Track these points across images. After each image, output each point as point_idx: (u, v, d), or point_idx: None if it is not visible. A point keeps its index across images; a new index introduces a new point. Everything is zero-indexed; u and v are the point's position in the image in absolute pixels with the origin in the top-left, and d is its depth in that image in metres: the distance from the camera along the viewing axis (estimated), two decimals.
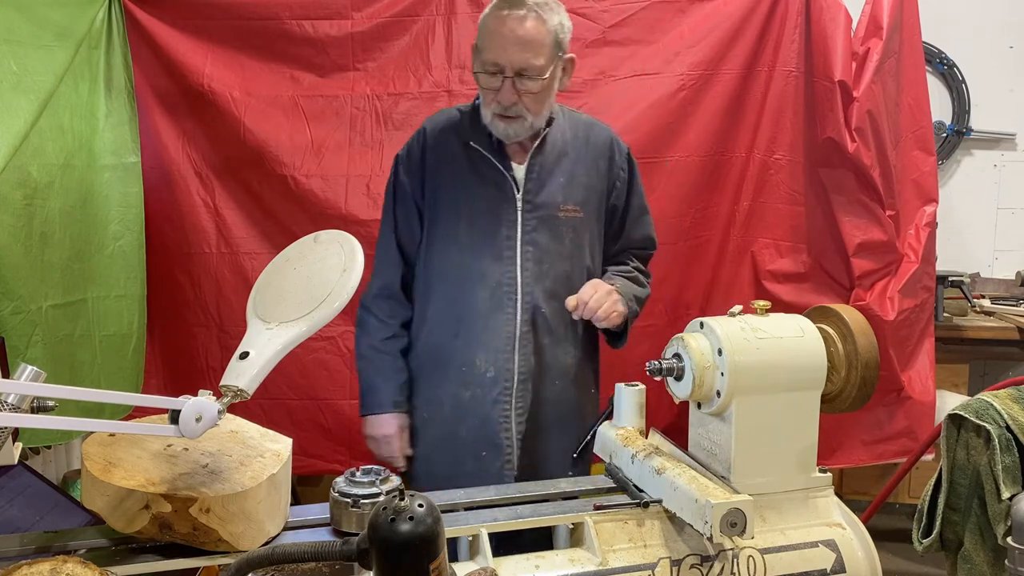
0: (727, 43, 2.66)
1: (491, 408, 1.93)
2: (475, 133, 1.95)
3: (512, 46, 1.82)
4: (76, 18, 2.34)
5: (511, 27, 1.82)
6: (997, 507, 1.45)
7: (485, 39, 1.86)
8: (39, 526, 1.63)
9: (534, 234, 1.94)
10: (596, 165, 2.01)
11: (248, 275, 2.61)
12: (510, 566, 1.34)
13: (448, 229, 1.95)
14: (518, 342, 1.93)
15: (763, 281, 2.79)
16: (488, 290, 1.92)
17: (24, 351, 2.03)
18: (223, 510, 1.24)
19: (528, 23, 1.82)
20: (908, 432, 2.83)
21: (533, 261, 1.93)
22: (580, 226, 1.98)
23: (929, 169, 2.84)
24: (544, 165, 1.96)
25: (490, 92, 1.87)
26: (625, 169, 2.06)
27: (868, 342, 1.53)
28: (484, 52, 1.86)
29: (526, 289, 1.93)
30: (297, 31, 2.61)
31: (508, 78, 1.84)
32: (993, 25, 3.89)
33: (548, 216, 1.94)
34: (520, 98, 1.85)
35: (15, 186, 2.05)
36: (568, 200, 1.96)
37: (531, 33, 1.82)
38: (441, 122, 2.02)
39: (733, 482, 1.44)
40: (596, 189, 2.01)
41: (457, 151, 1.96)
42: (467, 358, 1.94)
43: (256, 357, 1.22)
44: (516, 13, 1.82)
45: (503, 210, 1.93)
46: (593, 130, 2.05)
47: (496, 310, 1.92)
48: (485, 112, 1.91)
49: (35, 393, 1.22)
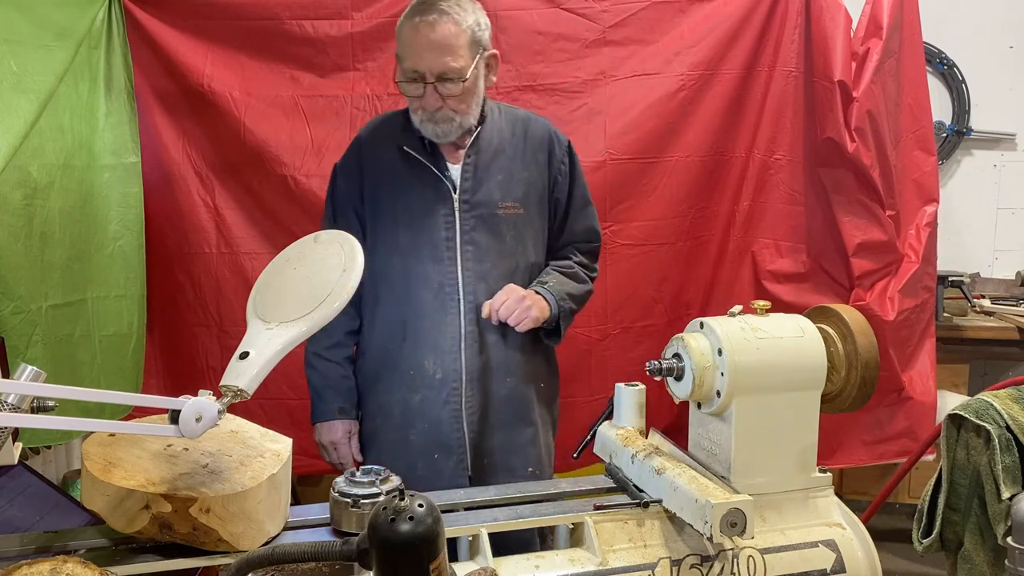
0: (727, 43, 2.66)
1: (441, 410, 1.95)
2: (408, 137, 1.96)
3: (428, 52, 1.83)
4: (76, 18, 2.34)
5: (425, 33, 1.83)
6: (997, 507, 1.45)
7: (403, 47, 1.87)
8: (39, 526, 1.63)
9: (473, 233, 1.94)
10: (535, 160, 2.01)
11: (248, 275, 2.61)
12: (510, 566, 1.34)
13: (388, 234, 1.96)
14: (464, 342, 1.94)
15: (763, 281, 2.80)
16: (431, 292, 1.93)
17: (24, 351, 2.03)
18: (223, 510, 1.24)
19: (442, 27, 1.83)
20: (908, 432, 2.83)
21: (474, 260, 1.94)
22: (521, 223, 1.98)
23: (929, 169, 2.84)
24: (480, 164, 1.96)
25: (414, 99, 1.89)
26: (566, 162, 2.05)
27: (868, 342, 1.53)
28: (403, 60, 1.87)
29: (468, 289, 1.93)
30: (297, 31, 2.61)
31: (429, 84, 1.85)
32: (993, 25, 3.89)
33: (487, 214, 1.95)
34: (444, 102, 1.87)
35: (15, 186, 2.04)
36: (507, 197, 1.96)
37: (446, 37, 1.83)
38: (376, 128, 2.04)
39: (733, 482, 1.44)
40: (536, 184, 2.01)
41: (392, 156, 1.97)
42: (415, 361, 1.95)
43: (256, 357, 1.22)
44: (428, 18, 1.83)
45: (440, 211, 1.93)
46: (531, 125, 2.04)
47: (440, 311, 1.93)
48: (413, 117, 1.92)
49: (35, 393, 1.22)
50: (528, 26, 2.67)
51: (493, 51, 1.95)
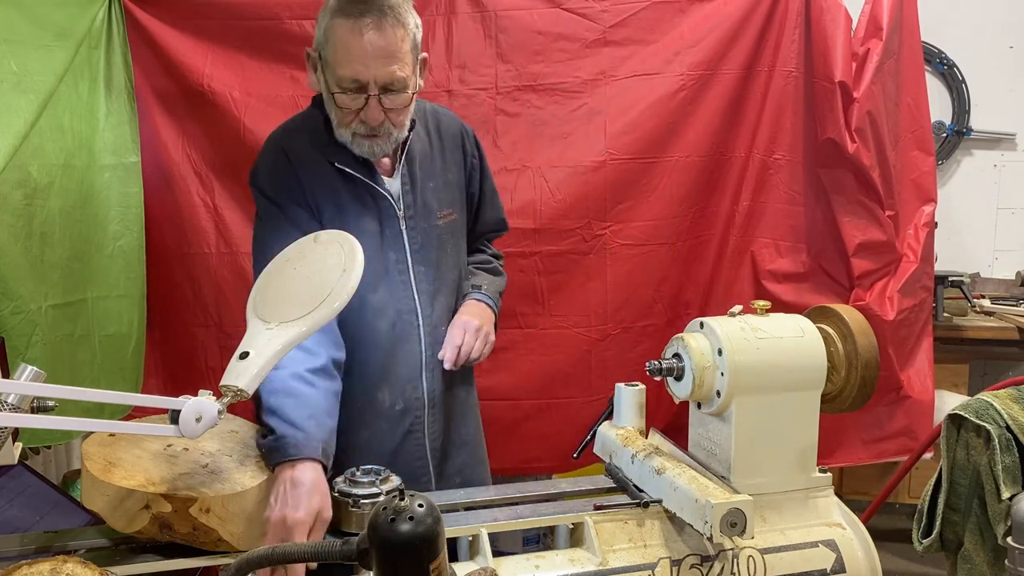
0: (727, 43, 2.66)
1: (402, 441, 1.77)
2: (337, 151, 1.70)
3: (374, 60, 1.57)
4: (76, 18, 2.34)
5: (370, 38, 1.56)
6: (997, 507, 1.45)
7: (338, 52, 1.59)
8: (39, 526, 1.63)
9: (422, 251, 1.77)
10: (454, 158, 1.86)
11: (248, 275, 2.60)
12: (510, 566, 1.34)
13: None
14: (424, 367, 1.77)
15: (763, 281, 2.80)
16: (389, 322, 1.73)
17: (24, 351, 2.03)
18: (223, 510, 1.24)
19: (388, 30, 1.57)
20: (907, 431, 2.83)
21: (427, 280, 1.77)
22: (456, 229, 1.85)
23: (928, 169, 2.84)
24: (413, 173, 1.78)
25: (349, 112, 1.63)
26: (476, 155, 1.92)
27: (868, 342, 1.53)
28: (338, 68, 1.59)
29: (425, 312, 1.77)
30: (297, 31, 2.61)
31: (372, 95, 1.61)
32: (993, 25, 3.89)
33: (429, 228, 1.78)
34: (387, 115, 1.64)
35: (15, 186, 2.04)
36: (443, 205, 1.81)
37: (393, 42, 1.58)
38: (296, 140, 1.74)
39: (733, 482, 1.44)
40: (459, 184, 1.87)
41: (325, 173, 1.71)
42: (366, 396, 1.74)
43: (256, 357, 1.22)
44: (370, 19, 1.56)
45: (387, 232, 1.73)
46: (442, 120, 1.87)
47: (400, 341, 1.75)
48: (342, 131, 1.67)
49: (35, 393, 1.22)
50: (528, 26, 2.67)
51: (424, 54, 1.72)
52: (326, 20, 1.62)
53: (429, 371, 1.78)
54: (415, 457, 1.80)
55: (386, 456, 1.72)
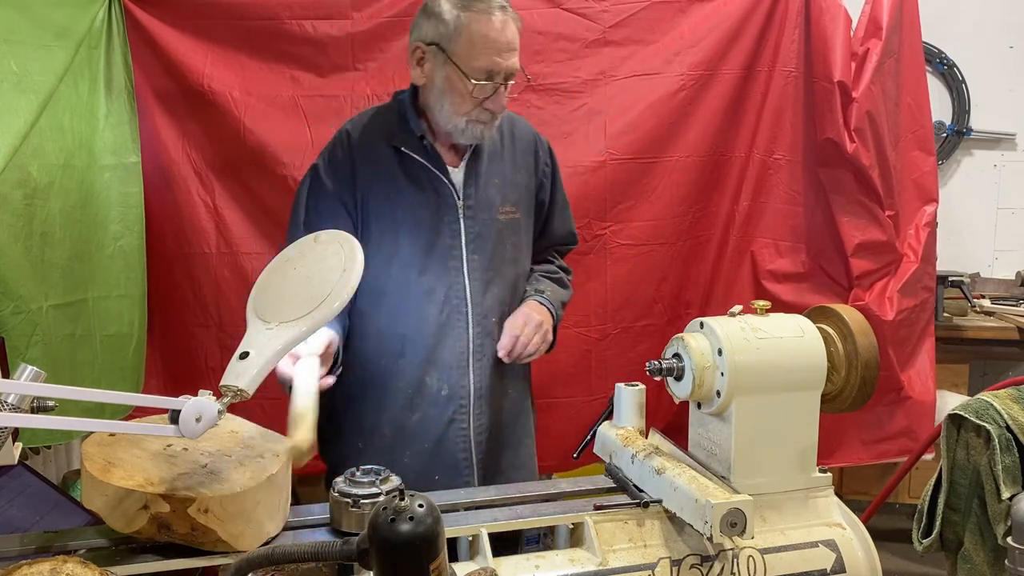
0: (727, 43, 2.67)
1: (446, 429, 1.81)
2: (404, 136, 1.81)
3: (506, 52, 1.72)
4: (76, 18, 2.34)
5: (503, 31, 1.71)
6: (997, 507, 1.45)
7: (475, 44, 1.71)
8: (39, 526, 1.63)
9: (478, 241, 1.82)
10: (525, 162, 1.92)
11: (248, 275, 2.61)
12: (510, 566, 1.34)
13: (386, 242, 1.79)
14: (472, 356, 1.82)
15: (763, 281, 2.80)
16: (436, 305, 1.80)
17: (24, 351, 2.03)
18: (222, 510, 1.24)
19: (512, 25, 1.73)
20: (908, 432, 2.83)
21: (480, 270, 1.82)
22: (518, 228, 1.89)
23: (929, 169, 2.84)
24: (479, 167, 1.85)
25: (471, 100, 1.73)
26: (549, 164, 1.98)
27: (868, 342, 1.53)
28: (473, 59, 1.71)
29: (475, 300, 1.82)
30: (297, 31, 2.61)
31: (501, 85, 1.73)
32: (993, 25, 3.89)
33: (489, 220, 1.84)
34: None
35: (15, 186, 2.04)
36: (506, 201, 1.86)
37: (516, 35, 1.75)
38: (366, 125, 1.85)
39: (733, 482, 1.44)
40: (527, 187, 1.92)
41: (387, 157, 1.81)
42: (413, 378, 1.81)
43: (256, 357, 1.22)
44: (502, 16, 1.71)
45: (444, 218, 1.80)
46: (516, 125, 1.95)
47: (447, 325, 1.80)
48: (455, 119, 1.76)
49: (35, 393, 1.22)
50: (528, 26, 2.64)
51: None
52: (452, 13, 1.71)
53: (477, 361, 1.82)
54: (459, 448, 1.82)
55: (431, 443, 1.81)
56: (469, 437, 1.83)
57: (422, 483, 1.74)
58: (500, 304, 1.86)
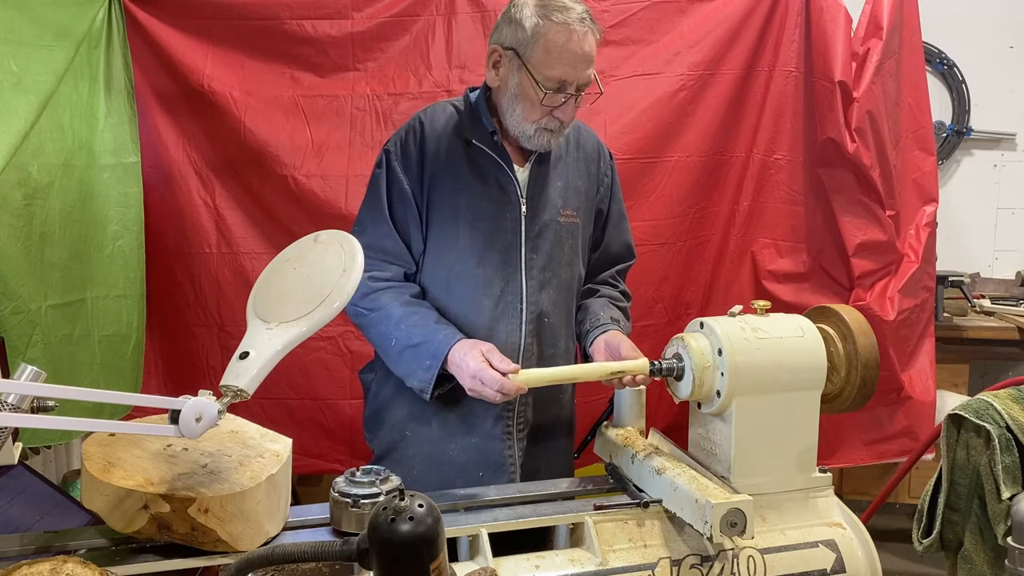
0: (727, 43, 2.67)
1: (493, 425, 1.80)
2: (476, 131, 1.82)
3: (581, 63, 1.71)
4: (76, 18, 2.34)
5: (580, 43, 1.70)
6: (997, 507, 1.45)
7: (551, 54, 1.70)
8: (39, 526, 1.63)
9: (537, 240, 1.83)
10: (587, 169, 1.94)
11: (248, 275, 2.61)
12: (510, 566, 1.34)
13: (448, 232, 1.81)
14: (522, 353, 1.81)
15: (763, 281, 2.80)
16: (492, 299, 1.80)
17: (24, 351, 2.03)
18: (221, 510, 1.24)
19: (590, 37, 1.72)
20: (908, 432, 2.83)
21: (537, 269, 1.83)
22: (577, 232, 1.90)
23: (929, 169, 2.84)
24: (544, 168, 1.86)
25: (542, 108, 1.74)
26: (608, 174, 1.98)
27: (868, 342, 1.53)
28: (547, 68, 1.71)
29: (531, 299, 1.81)
30: (297, 31, 2.61)
31: (572, 95, 1.74)
32: (993, 25, 3.89)
33: (550, 221, 1.85)
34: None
35: (15, 186, 2.05)
36: (567, 205, 1.87)
37: (593, 47, 1.73)
38: (438, 117, 1.87)
39: (733, 482, 1.44)
40: (588, 194, 1.93)
41: (456, 149, 1.82)
42: None
43: (256, 357, 1.22)
44: (582, 28, 1.70)
45: (507, 215, 1.81)
46: (582, 133, 1.96)
47: (500, 320, 1.80)
48: (525, 126, 1.78)
49: (35, 393, 1.22)
50: None
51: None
52: (532, 20, 1.71)
53: (527, 359, 1.81)
54: (504, 445, 1.81)
55: (479, 435, 1.80)
56: (513, 435, 1.82)
57: (467, 478, 1.77)
58: (555, 307, 1.85)
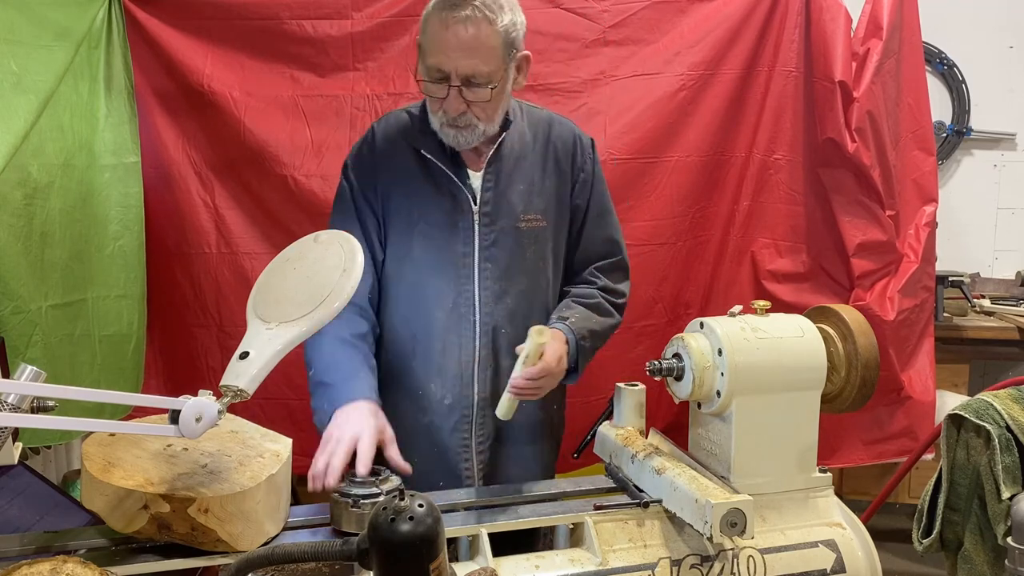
0: (727, 43, 2.66)
1: (449, 437, 1.78)
2: (426, 139, 1.77)
3: (456, 52, 1.63)
4: (76, 18, 2.34)
5: (455, 31, 1.62)
6: (997, 507, 1.45)
7: (428, 41, 1.67)
8: (39, 526, 1.63)
9: (493, 249, 1.77)
10: (557, 167, 1.85)
11: (248, 275, 2.61)
12: (510, 566, 1.34)
13: (401, 244, 1.78)
14: (477, 366, 1.77)
15: (763, 281, 2.80)
16: (444, 311, 1.76)
17: (24, 351, 2.03)
18: (221, 510, 1.24)
19: (473, 27, 1.62)
20: (908, 432, 2.83)
21: (492, 279, 1.78)
22: (542, 236, 1.82)
23: (929, 169, 2.84)
24: (502, 172, 1.79)
25: (436, 100, 1.70)
26: (587, 167, 1.89)
27: (868, 342, 1.53)
28: (428, 56, 1.67)
29: (485, 310, 1.77)
30: (297, 31, 2.60)
31: (454, 86, 1.66)
32: (993, 25, 3.89)
33: (508, 228, 1.78)
34: (469, 107, 1.68)
35: (15, 186, 2.04)
36: (529, 209, 1.80)
37: (478, 38, 1.63)
38: (390, 126, 1.83)
39: (733, 482, 1.44)
40: (559, 193, 1.85)
41: (407, 158, 1.79)
42: (422, 382, 1.79)
43: (256, 357, 1.22)
44: (459, 14, 1.62)
45: (459, 223, 1.76)
46: (554, 128, 1.88)
47: (452, 332, 1.76)
48: (433, 119, 1.74)
49: (35, 393, 1.22)
50: (528, 26, 2.65)
51: (526, 52, 1.76)
52: (426, 11, 1.69)
53: (483, 372, 1.78)
54: (461, 458, 1.79)
55: (437, 447, 1.79)
56: (471, 447, 1.80)
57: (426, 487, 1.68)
58: (513, 318, 1.79)
